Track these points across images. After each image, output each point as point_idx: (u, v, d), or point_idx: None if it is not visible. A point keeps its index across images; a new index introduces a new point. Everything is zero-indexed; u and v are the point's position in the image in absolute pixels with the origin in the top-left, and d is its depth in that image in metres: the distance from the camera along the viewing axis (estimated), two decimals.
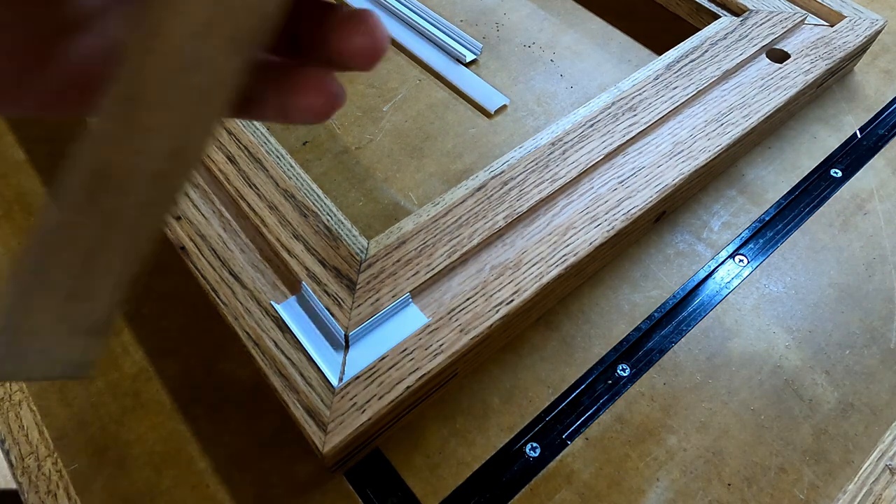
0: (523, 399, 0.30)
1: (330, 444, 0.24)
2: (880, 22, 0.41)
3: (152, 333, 0.32)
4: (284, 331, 0.27)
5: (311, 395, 0.25)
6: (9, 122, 0.40)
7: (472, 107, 0.42)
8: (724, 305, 0.33)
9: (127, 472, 0.28)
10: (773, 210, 0.37)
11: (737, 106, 0.36)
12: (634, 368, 0.31)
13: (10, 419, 0.29)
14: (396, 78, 0.43)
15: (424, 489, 0.28)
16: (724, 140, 0.34)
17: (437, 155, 0.39)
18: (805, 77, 0.37)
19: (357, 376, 0.26)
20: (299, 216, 0.31)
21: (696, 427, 0.29)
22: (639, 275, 0.34)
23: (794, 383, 0.31)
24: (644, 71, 0.38)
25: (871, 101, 0.42)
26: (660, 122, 0.35)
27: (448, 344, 0.27)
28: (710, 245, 0.35)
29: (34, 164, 0.38)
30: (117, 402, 0.30)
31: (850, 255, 0.35)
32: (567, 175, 0.32)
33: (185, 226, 0.30)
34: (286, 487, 0.28)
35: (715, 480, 0.28)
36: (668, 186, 0.32)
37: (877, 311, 0.33)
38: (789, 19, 0.41)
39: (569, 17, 0.47)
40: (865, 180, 0.38)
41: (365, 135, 0.40)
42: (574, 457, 0.29)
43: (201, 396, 0.30)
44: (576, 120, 0.35)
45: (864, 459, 0.29)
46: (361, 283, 0.29)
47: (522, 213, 0.31)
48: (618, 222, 0.31)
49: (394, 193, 0.37)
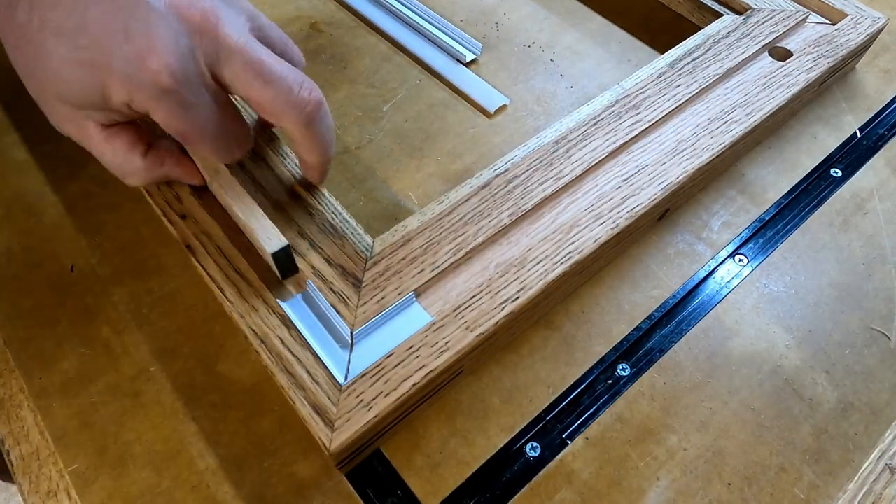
0: (523, 399, 0.30)
1: (337, 442, 0.24)
2: (882, 20, 0.41)
3: (152, 333, 0.32)
4: (290, 328, 0.27)
5: (317, 393, 0.25)
6: (9, 122, 0.40)
7: (472, 107, 0.42)
8: (724, 305, 0.33)
9: (127, 472, 0.28)
10: (773, 210, 0.37)
11: (740, 104, 0.36)
12: (634, 368, 0.31)
13: (10, 419, 0.29)
14: (396, 78, 0.43)
15: (425, 489, 0.28)
16: (727, 138, 0.34)
17: (437, 155, 0.39)
18: (808, 75, 0.37)
19: (363, 374, 0.26)
20: (305, 214, 0.31)
21: (697, 427, 0.30)
22: (639, 274, 0.34)
23: (795, 383, 0.31)
24: (647, 69, 0.38)
25: (871, 100, 0.42)
26: (663, 120, 0.35)
27: (454, 341, 0.27)
28: (710, 245, 0.35)
29: (34, 164, 0.38)
30: (117, 402, 0.30)
31: (849, 254, 0.35)
32: (571, 173, 0.32)
33: (191, 224, 0.30)
34: (286, 487, 0.28)
35: (715, 480, 0.28)
36: (671, 184, 0.32)
37: (877, 311, 0.33)
38: (791, 17, 0.41)
39: (569, 16, 0.47)
40: (865, 180, 0.38)
41: (365, 135, 0.40)
42: (574, 456, 0.29)
43: (201, 396, 0.30)
44: (580, 118, 0.35)
45: (865, 459, 0.29)
46: (367, 280, 0.29)
47: (527, 211, 0.31)
48: (622, 220, 0.31)
49: (394, 193, 0.37)
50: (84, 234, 0.35)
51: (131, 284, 0.33)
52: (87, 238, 0.35)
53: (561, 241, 0.30)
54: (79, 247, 0.35)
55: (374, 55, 0.44)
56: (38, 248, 0.34)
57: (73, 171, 0.37)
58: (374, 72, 0.43)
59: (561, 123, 0.35)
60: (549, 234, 0.31)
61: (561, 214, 0.31)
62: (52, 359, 0.31)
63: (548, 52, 0.45)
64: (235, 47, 0.24)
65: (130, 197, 0.36)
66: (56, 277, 0.33)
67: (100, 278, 0.33)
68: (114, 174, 0.27)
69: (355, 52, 0.44)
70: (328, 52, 0.44)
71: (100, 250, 0.34)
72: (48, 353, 0.31)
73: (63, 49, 0.22)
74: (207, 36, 0.24)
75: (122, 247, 0.35)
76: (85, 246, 0.35)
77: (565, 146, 0.34)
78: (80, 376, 0.30)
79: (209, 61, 0.24)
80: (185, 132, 0.25)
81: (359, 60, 0.44)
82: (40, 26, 0.22)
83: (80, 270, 0.34)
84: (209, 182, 0.29)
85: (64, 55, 0.22)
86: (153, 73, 0.22)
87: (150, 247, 0.35)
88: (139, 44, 0.22)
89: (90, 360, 0.31)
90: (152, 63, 0.22)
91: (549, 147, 0.34)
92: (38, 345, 0.31)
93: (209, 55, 0.24)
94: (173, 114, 0.24)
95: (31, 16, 0.22)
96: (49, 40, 0.22)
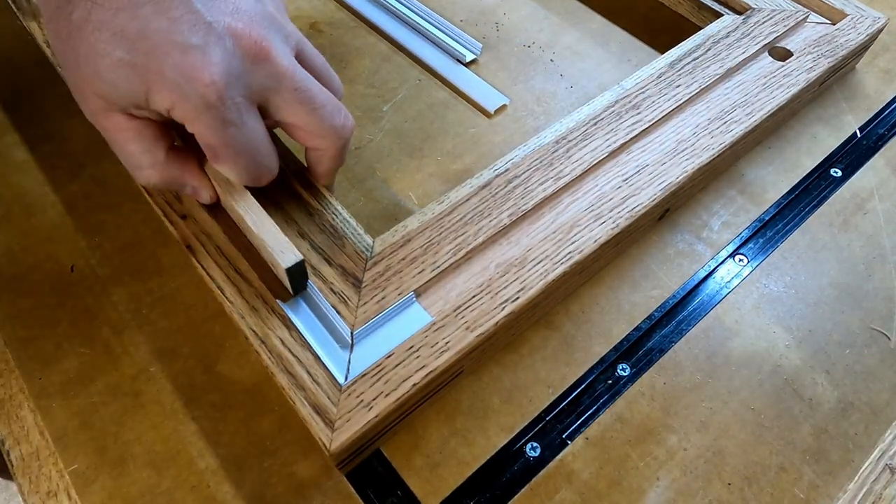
0: (523, 399, 0.30)
1: (337, 442, 0.24)
2: (882, 20, 0.41)
3: (152, 333, 0.32)
4: (291, 329, 0.27)
5: (318, 393, 0.25)
6: (9, 121, 0.40)
7: (472, 107, 0.42)
8: (724, 305, 0.33)
9: (127, 472, 0.28)
10: (773, 210, 0.37)
11: (740, 104, 0.36)
12: (634, 368, 0.31)
13: (10, 419, 0.29)
14: (396, 78, 0.43)
15: (424, 489, 0.28)
16: (727, 138, 0.34)
17: (436, 155, 0.39)
18: (808, 75, 0.37)
19: (364, 374, 0.26)
20: (305, 214, 0.31)
21: (696, 426, 0.30)
22: (639, 274, 0.34)
23: (794, 383, 0.31)
24: (647, 69, 0.38)
25: (871, 100, 0.42)
26: (663, 120, 0.35)
27: (454, 341, 0.27)
28: (710, 245, 0.35)
29: (34, 164, 0.38)
30: (117, 402, 0.30)
31: (849, 254, 0.35)
32: (571, 173, 0.32)
33: (191, 224, 0.30)
34: (286, 487, 0.28)
35: (715, 480, 0.28)
36: (671, 184, 0.32)
37: (877, 311, 0.33)
38: (791, 17, 0.41)
39: (569, 16, 0.47)
40: (865, 180, 0.38)
41: (365, 135, 0.40)
42: (574, 456, 0.29)
43: (201, 396, 0.30)
44: (580, 118, 0.35)
45: (865, 459, 0.29)
46: (367, 281, 0.29)
47: (527, 211, 0.31)
48: (622, 220, 0.31)
49: (394, 193, 0.37)
50: (84, 234, 0.35)
51: (131, 284, 0.33)
52: (87, 238, 0.35)
53: (561, 241, 0.30)
54: (78, 247, 0.35)
55: (374, 55, 0.44)
56: (38, 248, 0.34)
57: (73, 171, 0.37)
58: (374, 72, 0.43)
59: (561, 123, 0.35)
60: (549, 234, 0.31)
61: (561, 214, 0.31)
62: (52, 359, 0.31)
63: (548, 52, 0.45)
64: (285, 76, 0.26)
65: (130, 197, 0.36)
66: (56, 277, 0.33)
67: (100, 278, 0.33)
68: (128, 167, 0.27)
69: (355, 52, 0.45)
70: (328, 53, 0.44)
71: (99, 250, 0.34)
72: (48, 353, 0.31)
73: (119, 52, 0.23)
74: (258, 62, 0.25)
75: (122, 247, 0.35)
76: (85, 246, 0.35)
77: (565, 146, 0.34)
78: (80, 376, 0.30)
79: (257, 86, 0.25)
80: (217, 148, 0.26)
81: (358, 60, 0.44)
82: (98, 27, 0.23)
83: (80, 271, 0.34)
84: (221, 194, 0.29)
85: (120, 57, 0.23)
86: (203, 87, 0.23)
87: (150, 247, 0.35)
88: (194, 58, 0.23)
89: (90, 360, 0.31)
90: (204, 77, 0.23)
91: (549, 147, 0.34)
92: (38, 345, 0.31)
93: (257, 81, 0.25)
94: (211, 129, 0.25)
95: (89, 15, 0.23)
96: (105, 41, 0.23)
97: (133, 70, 0.23)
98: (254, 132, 0.26)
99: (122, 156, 0.27)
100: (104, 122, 0.26)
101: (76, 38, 0.24)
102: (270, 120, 0.28)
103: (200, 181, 0.29)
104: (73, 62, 0.24)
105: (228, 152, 0.26)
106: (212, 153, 0.26)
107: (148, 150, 0.27)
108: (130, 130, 0.26)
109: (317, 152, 0.30)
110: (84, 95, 0.25)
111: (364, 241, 0.30)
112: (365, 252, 0.30)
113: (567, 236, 0.30)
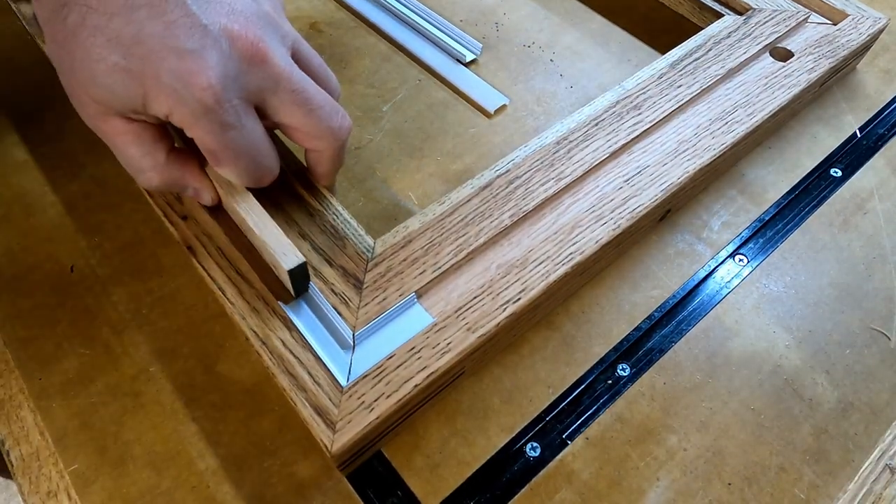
0: (523, 399, 0.30)
1: (338, 443, 0.24)
2: (883, 20, 0.41)
3: (152, 333, 0.32)
4: (292, 330, 0.27)
5: (319, 394, 0.25)
6: (9, 121, 0.40)
7: (472, 107, 0.42)
8: (724, 305, 0.33)
9: (127, 472, 0.28)
10: (773, 210, 0.37)
11: (741, 104, 0.36)
12: (634, 368, 0.31)
13: (10, 419, 0.29)
14: (396, 78, 0.43)
15: (425, 489, 0.28)
16: (728, 138, 0.34)
17: (436, 155, 0.39)
18: (809, 75, 0.37)
19: (365, 375, 0.26)
20: (305, 215, 0.31)
21: (696, 427, 0.30)
22: (639, 274, 0.34)
23: (794, 383, 0.31)
24: (648, 69, 0.38)
25: (871, 100, 0.42)
26: (664, 120, 0.35)
27: (456, 342, 0.27)
28: (710, 245, 0.35)
29: (34, 164, 0.38)
30: (117, 402, 0.30)
31: (849, 254, 0.35)
32: (573, 174, 0.32)
33: (192, 225, 0.30)
34: (286, 487, 0.28)
35: (715, 480, 0.28)
36: (673, 185, 0.32)
37: (877, 311, 0.33)
38: (792, 17, 0.41)
39: (569, 16, 0.47)
40: (865, 180, 0.39)
41: (365, 135, 0.40)
42: (574, 456, 0.29)
43: (201, 396, 0.30)
44: (581, 119, 0.35)
45: (865, 459, 0.29)
46: (368, 282, 0.29)
47: (528, 212, 0.31)
48: (623, 221, 0.31)
49: (394, 193, 0.37)
50: (84, 234, 0.35)
51: (131, 285, 0.33)
52: (87, 238, 0.35)
53: (562, 241, 0.30)
54: (78, 247, 0.35)
55: (374, 55, 0.44)
56: (38, 248, 0.34)
57: (73, 171, 0.37)
58: (374, 72, 0.43)
59: (562, 124, 0.35)
60: (550, 235, 0.31)
61: (562, 215, 0.31)
62: (52, 359, 0.31)
63: (548, 52, 0.45)
64: (281, 77, 0.26)
65: (130, 197, 0.36)
66: (56, 277, 0.33)
67: (100, 278, 0.33)
68: (129, 171, 0.27)
69: (355, 52, 0.44)
70: (328, 53, 0.44)
71: (99, 250, 0.34)
72: (48, 353, 0.31)
73: (115, 57, 0.23)
74: (255, 63, 0.25)
75: (122, 247, 0.35)
76: (85, 246, 0.35)
77: (566, 147, 0.34)
78: (80, 376, 0.30)
79: (254, 88, 0.25)
80: (217, 152, 0.26)
81: (358, 60, 0.44)
82: (93, 31, 0.23)
83: (80, 271, 0.34)
84: (222, 195, 0.29)
85: (115, 62, 0.23)
86: (200, 91, 0.23)
87: (150, 247, 0.35)
88: (190, 62, 0.23)
89: (90, 360, 0.31)
90: (201, 81, 0.23)
91: (550, 147, 0.34)
92: (38, 345, 0.31)
93: (254, 82, 0.25)
94: (210, 133, 0.25)
95: (84, 20, 0.23)
96: (100, 46, 0.23)
97: (129, 75, 0.23)
98: (253, 134, 0.26)
99: (122, 159, 0.27)
100: (102, 126, 0.26)
101: (72, 42, 0.23)
102: (268, 121, 0.27)
103: (202, 183, 0.29)
104: (68, 67, 0.24)
105: (228, 155, 0.26)
106: (212, 157, 0.26)
107: (148, 152, 0.26)
108: (129, 134, 0.26)
109: (315, 153, 0.29)
110: (81, 100, 0.25)
111: (365, 241, 0.30)
112: (366, 253, 0.30)
113: (568, 237, 0.30)
